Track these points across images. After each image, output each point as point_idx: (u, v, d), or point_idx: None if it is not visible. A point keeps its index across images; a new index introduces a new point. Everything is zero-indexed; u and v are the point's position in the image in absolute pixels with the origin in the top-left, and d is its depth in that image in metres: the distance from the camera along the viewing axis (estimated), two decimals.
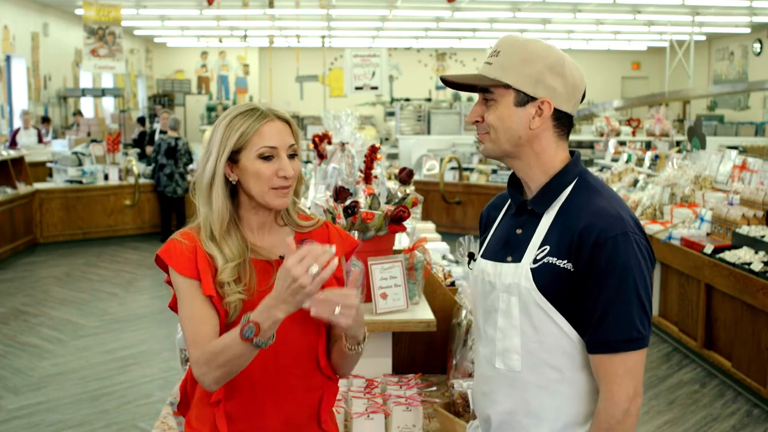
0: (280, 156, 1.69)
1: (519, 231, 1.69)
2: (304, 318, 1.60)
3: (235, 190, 1.73)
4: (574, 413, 1.64)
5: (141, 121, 14.46)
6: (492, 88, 1.63)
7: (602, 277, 1.55)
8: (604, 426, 1.57)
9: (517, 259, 1.65)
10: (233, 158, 1.68)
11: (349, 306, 1.53)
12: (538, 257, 1.62)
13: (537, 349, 1.62)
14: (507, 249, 1.69)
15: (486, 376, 1.73)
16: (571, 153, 1.70)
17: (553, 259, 1.60)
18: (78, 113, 14.69)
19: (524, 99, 1.62)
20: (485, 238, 1.81)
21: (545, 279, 1.60)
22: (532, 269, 1.61)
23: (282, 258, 1.74)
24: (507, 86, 1.61)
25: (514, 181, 1.75)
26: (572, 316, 1.60)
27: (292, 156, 1.71)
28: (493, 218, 1.82)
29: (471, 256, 1.89)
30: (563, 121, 1.66)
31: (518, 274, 1.63)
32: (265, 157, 1.67)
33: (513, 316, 1.63)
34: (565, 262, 1.58)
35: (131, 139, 12.90)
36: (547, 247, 1.61)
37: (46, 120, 13.78)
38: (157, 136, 10.87)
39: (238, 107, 1.73)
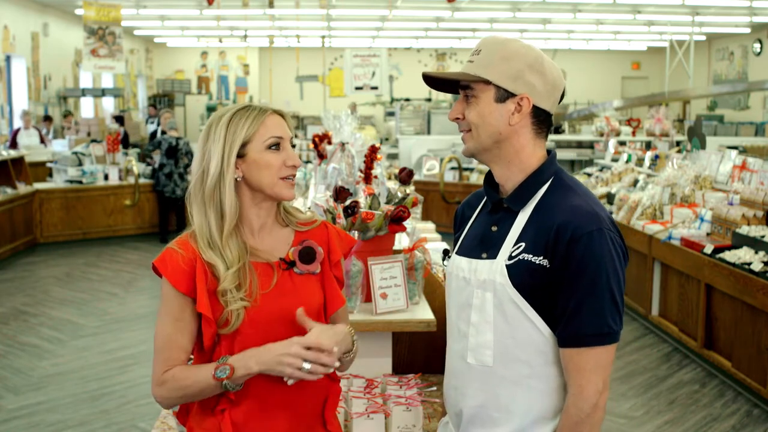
0: (285, 146, 1.73)
1: (494, 228, 1.71)
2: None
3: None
4: (545, 408, 1.66)
5: (119, 119, 13.68)
6: (473, 85, 1.66)
7: (577, 273, 1.58)
8: (573, 419, 1.60)
9: (493, 255, 1.67)
10: (239, 153, 1.69)
11: (325, 365, 1.60)
12: (513, 254, 1.64)
13: (510, 345, 1.65)
14: (482, 246, 1.72)
15: (457, 371, 1.75)
16: (548, 152, 1.73)
17: (528, 256, 1.62)
18: (68, 114, 14.24)
19: (504, 95, 1.65)
20: (460, 235, 1.85)
21: (520, 275, 1.62)
22: (507, 266, 1.64)
23: (283, 260, 1.74)
24: (487, 82, 1.65)
25: (490, 179, 1.78)
26: (545, 312, 1.63)
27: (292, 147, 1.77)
28: (468, 216, 1.86)
29: (446, 253, 1.91)
30: (542, 119, 1.69)
31: (493, 270, 1.65)
32: (273, 147, 1.70)
33: (487, 311, 1.66)
34: (541, 258, 1.61)
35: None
36: (523, 244, 1.64)
37: (48, 119, 13.73)
38: (158, 136, 10.83)
39: (228, 108, 1.74)
